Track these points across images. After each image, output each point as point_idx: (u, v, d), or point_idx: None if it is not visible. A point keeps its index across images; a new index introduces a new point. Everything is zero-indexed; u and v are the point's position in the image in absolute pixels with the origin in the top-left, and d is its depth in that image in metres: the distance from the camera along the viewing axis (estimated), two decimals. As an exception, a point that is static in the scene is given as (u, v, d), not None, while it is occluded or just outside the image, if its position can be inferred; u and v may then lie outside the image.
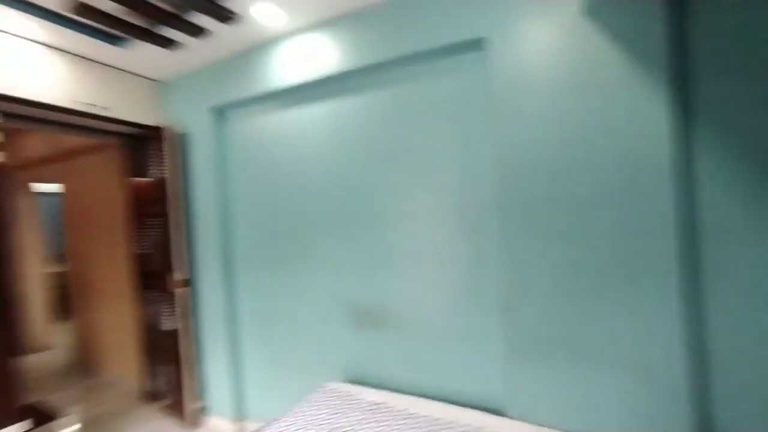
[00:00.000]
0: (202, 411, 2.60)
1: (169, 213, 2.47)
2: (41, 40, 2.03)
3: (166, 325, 2.59)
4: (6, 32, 1.92)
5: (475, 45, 1.66)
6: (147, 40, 2.04)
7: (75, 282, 3.78)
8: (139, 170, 2.67)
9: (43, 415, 2.13)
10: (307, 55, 2.04)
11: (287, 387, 2.28)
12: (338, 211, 2.09)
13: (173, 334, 2.53)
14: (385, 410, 1.65)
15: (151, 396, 2.81)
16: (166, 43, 2.10)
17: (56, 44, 2.08)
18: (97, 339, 3.56)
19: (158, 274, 2.59)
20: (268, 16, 1.91)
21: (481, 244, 1.72)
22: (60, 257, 5.05)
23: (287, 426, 1.57)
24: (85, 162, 3.46)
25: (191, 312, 2.57)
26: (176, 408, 2.59)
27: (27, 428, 1.96)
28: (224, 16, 1.86)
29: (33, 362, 3.78)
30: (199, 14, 1.86)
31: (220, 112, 2.47)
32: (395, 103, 1.92)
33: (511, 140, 1.58)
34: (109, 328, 3.43)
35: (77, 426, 2.17)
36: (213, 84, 2.42)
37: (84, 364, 3.69)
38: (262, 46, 2.20)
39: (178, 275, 2.47)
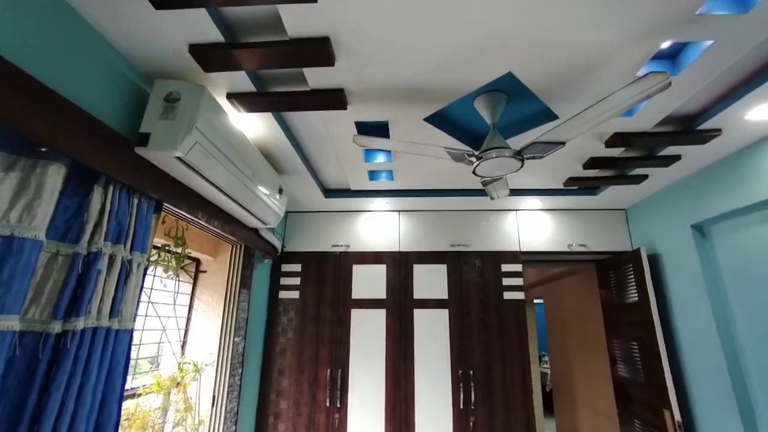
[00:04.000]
0: None
1: (654, 339, 2.36)
2: (540, 207, 2.84)
3: (661, 467, 2.31)
4: (522, 209, 2.87)
5: None
6: (618, 184, 2.31)
7: (554, 382, 4.36)
8: (612, 291, 2.84)
9: None
10: None
11: None
12: None
13: (675, 485, 2.19)
14: None
15: None
16: (636, 180, 2.26)
17: (549, 207, 2.83)
18: (578, 446, 3.77)
19: (644, 403, 2.46)
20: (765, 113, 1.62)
21: None
22: (540, 357, 6.12)
23: None
24: (561, 283, 4.20)
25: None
26: None
27: None
28: (706, 138, 1.76)
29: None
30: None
31: (699, 228, 2.24)
32: None
33: None
34: (588, 438, 3.56)
35: None
36: (686, 200, 2.27)
37: (568, 468, 3.97)
38: (753, 146, 1.87)
39: (671, 414, 2.22)
